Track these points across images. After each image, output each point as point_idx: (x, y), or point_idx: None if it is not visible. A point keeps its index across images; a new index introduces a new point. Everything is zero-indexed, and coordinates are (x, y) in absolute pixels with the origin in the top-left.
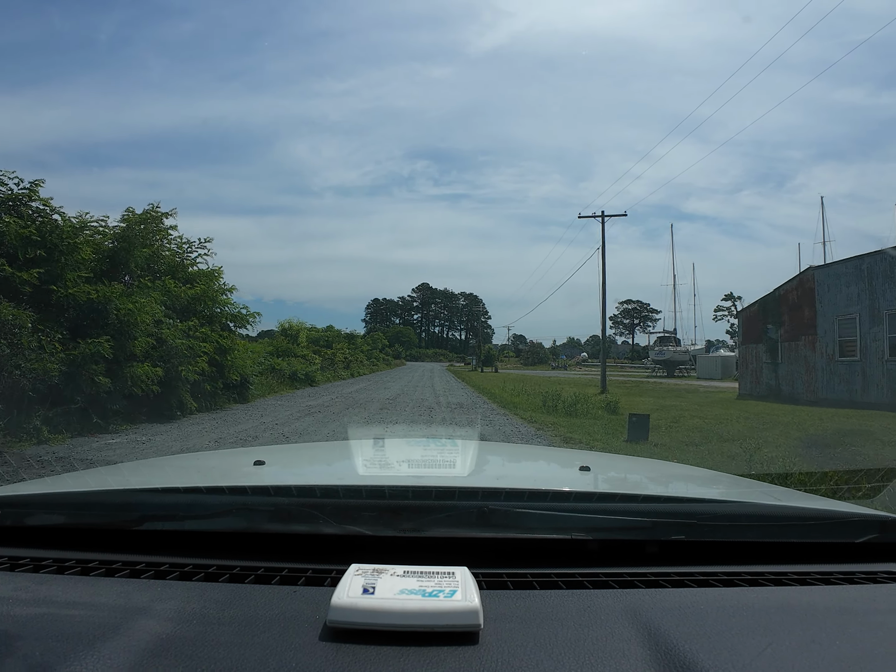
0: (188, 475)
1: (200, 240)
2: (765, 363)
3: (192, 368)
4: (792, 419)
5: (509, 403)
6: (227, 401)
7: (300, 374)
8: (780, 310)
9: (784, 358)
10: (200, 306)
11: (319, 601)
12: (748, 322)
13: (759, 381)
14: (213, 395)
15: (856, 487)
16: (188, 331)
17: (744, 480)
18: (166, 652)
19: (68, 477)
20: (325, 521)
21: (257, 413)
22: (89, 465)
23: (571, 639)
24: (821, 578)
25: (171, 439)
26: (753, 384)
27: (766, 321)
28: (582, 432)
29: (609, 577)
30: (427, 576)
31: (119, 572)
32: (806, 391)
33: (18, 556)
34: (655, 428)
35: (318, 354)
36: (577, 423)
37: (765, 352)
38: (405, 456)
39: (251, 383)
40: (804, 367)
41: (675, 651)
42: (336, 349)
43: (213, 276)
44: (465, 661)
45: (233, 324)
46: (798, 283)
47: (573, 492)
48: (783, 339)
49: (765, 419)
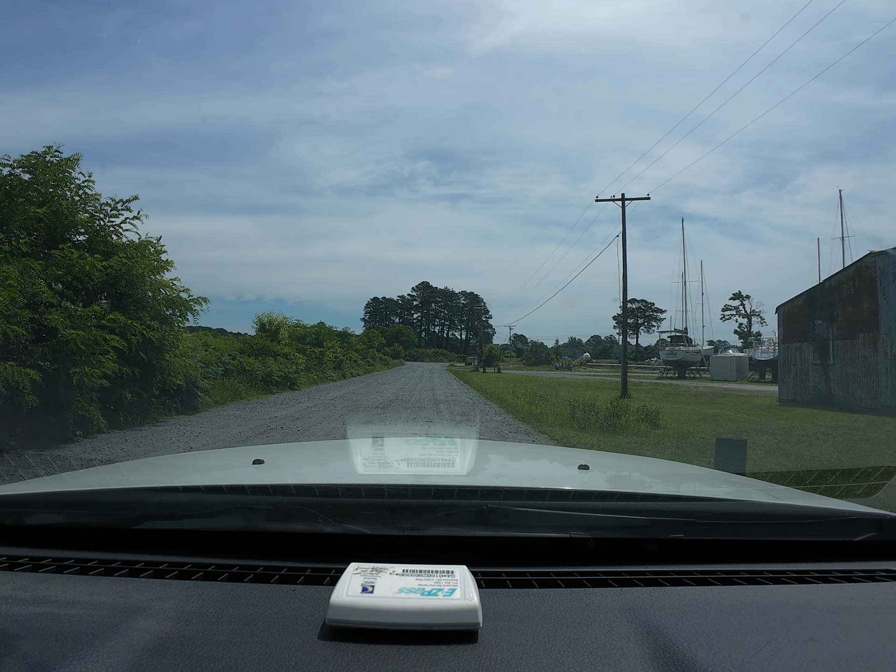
0: (187, 474)
1: (122, 200)
2: (812, 364)
3: (92, 371)
4: (882, 434)
5: (528, 414)
6: (164, 412)
7: (276, 377)
8: (832, 303)
9: (837, 358)
10: (123, 286)
11: (319, 600)
12: (790, 318)
13: (805, 384)
14: (140, 405)
15: (854, 486)
16: (88, 318)
17: (742, 479)
18: (166, 651)
19: (67, 476)
20: (324, 519)
21: (195, 430)
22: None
23: (570, 637)
24: (819, 577)
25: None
26: (797, 388)
27: (813, 316)
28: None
29: (608, 575)
30: (426, 574)
31: (118, 571)
32: (865, 397)
33: (17, 555)
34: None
35: (303, 353)
36: (625, 444)
37: (812, 351)
38: (404, 455)
39: (201, 389)
40: (862, 369)
41: (674, 649)
42: (326, 348)
43: (143, 249)
44: (464, 660)
45: (172, 312)
46: (855, 271)
47: (572, 490)
48: (836, 337)
49: (845, 434)
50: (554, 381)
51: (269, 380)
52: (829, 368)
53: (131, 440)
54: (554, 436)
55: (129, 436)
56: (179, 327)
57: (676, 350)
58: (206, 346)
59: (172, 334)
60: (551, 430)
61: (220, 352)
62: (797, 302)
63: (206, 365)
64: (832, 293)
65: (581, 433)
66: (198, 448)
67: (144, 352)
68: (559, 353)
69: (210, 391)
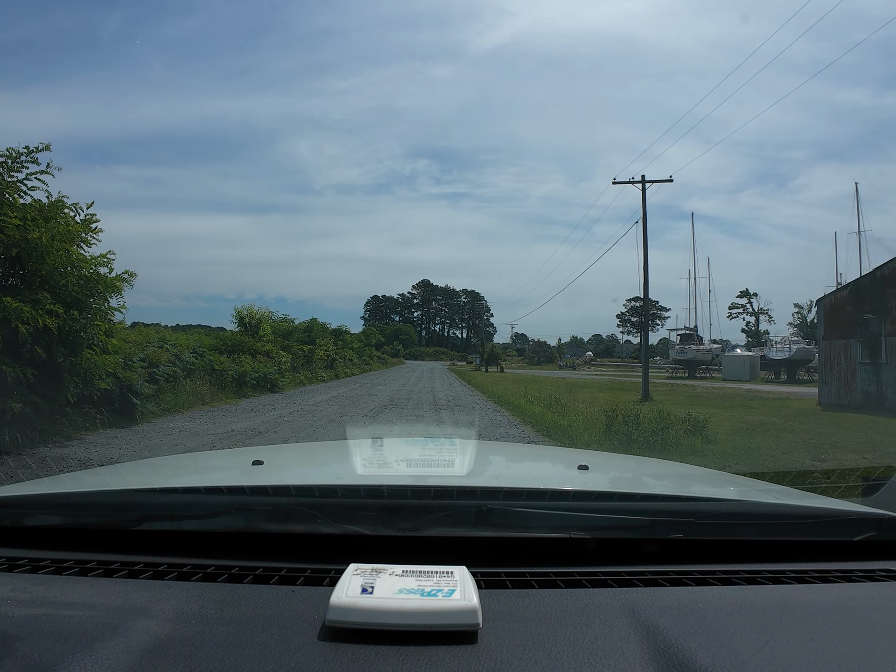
0: (186, 475)
1: (28, 148)
2: (860, 364)
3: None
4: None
5: (551, 426)
6: (85, 425)
7: (251, 378)
8: (885, 295)
9: (891, 357)
10: (31, 261)
11: (318, 601)
12: (833, 311)
13: (851, 386)
14: (43, 417)
15: (853, 486)
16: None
17: (742, 479)
18: (165, 652)
19: (66, 477)
20: (323, 520)
21: (110, 453)
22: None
23: (570, 637)
24: (819, 577)
25: None
26: (842, 390)
27: (862, 309)
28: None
29: (608, 575)
30: (426, 575)
31: (117, 573)
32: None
33: (16, 556)
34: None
35: (289, 351)
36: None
37: (861, 349)
38: (403, 455)
39: (139, 395)
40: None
41: (674, 649)
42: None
43: (55, 211)
44: (463, 661)
45: (89, 293)
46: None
47: (571, 490)
48: (889, 333)
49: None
50: (562, 381)
51: (244, 381)
52: (882, 368)
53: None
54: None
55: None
56: (108, 316)
57: (687, 349)
58: (162, 341)
59: (96, 324)
60: (588, 448)
61: (179, 349)
62: (842, 294)
63: (153, 365)
64: (885, 283)
65: (623, 447)
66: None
67: (43, 346)
68: (561, 351)
69: (157, 397)
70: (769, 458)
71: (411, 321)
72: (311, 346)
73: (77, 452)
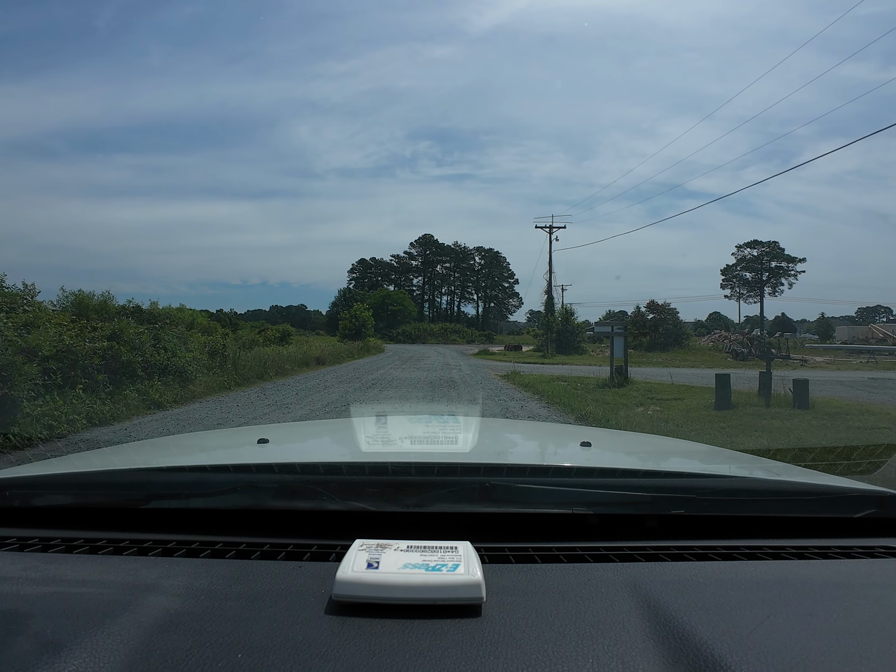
0: (193, 454)
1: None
2: None
3: None
4: None
5: None
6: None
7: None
8: None
9: None
10: None
11: (324, 576)
12: None
13: None
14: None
15: (855, 463)
16: None
17: (743, 456)
18: (175, 627)
19: (74, 458)
20: (329, 497)
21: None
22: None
23: (572, 611)
24: (819, 553)
25: None
26: None
27: None
28: None
29: (609, 550)
30: (430, 550)
31: (127, 550)
32: None
33: (27, 536)
34: None
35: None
36: None
37: None
38: (408, 433)
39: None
40: None
41: (674, 623)
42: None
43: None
44: (468, 634)
45: None
46: None
47: (574, 467)
48: None
49: None
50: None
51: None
52: None
53: None
54: None
55: None
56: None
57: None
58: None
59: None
60: None
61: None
62: None
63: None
64: None
65: None
66: None
67: None
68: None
69: None
70: None
71: (410, 293)
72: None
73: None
